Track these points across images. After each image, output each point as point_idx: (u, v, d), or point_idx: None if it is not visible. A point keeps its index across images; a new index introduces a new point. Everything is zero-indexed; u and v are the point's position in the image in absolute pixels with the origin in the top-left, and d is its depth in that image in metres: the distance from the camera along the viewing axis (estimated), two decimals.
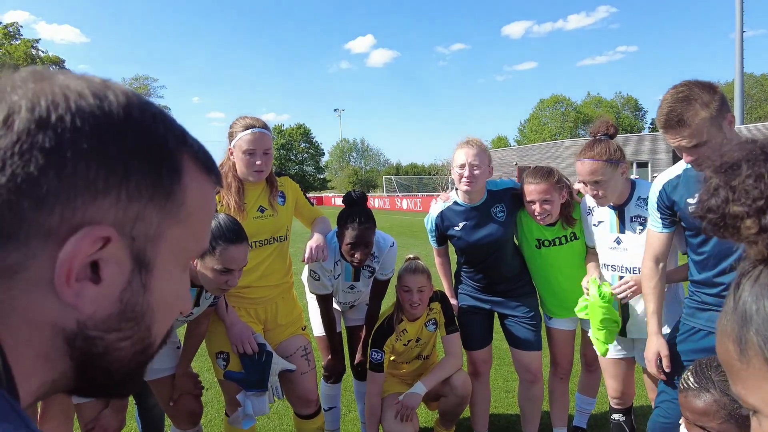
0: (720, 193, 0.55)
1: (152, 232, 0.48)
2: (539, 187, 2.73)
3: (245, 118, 2.59)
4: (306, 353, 2.79)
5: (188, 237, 0.52)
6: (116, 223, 0.45)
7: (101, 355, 0.48)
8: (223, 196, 2.57)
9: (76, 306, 0.45)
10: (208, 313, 2.56)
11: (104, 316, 0.47)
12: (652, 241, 2.37)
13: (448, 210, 2.94)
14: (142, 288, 0.49)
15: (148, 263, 0.49)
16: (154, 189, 0.47)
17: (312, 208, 2.97)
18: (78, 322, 0.46)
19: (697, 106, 1.94)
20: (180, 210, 0.50)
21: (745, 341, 0.53)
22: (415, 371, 3.09)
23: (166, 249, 0.50)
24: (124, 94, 0.49)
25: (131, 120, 0.47)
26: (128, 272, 0.47)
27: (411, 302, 2.83)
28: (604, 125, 2.60)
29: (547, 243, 2.88)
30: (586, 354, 3.09)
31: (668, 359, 2.26)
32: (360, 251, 2.67)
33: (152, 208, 0.48)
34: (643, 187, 2.62)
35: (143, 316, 0.50)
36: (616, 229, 2.64)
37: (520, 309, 2.98)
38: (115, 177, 0.45)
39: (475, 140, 2.84)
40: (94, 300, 0.46)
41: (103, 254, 0.45)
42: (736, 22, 30.77)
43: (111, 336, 0.48)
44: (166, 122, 0.51)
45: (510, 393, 3.89)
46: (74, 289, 0.45)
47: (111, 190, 0.45)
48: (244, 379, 2.56)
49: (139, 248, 0.48)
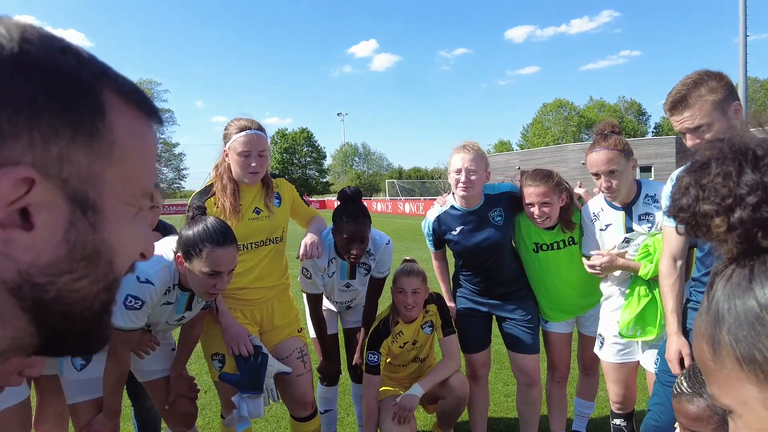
0: (690, 191, 0.56)
1: (85, 173, 0.45)
2: (538, 189, 2.71)
3: (240, 120, 2.59)
4: (302, 355, 2.78)
5: (131, 177, 0.49)
6: (36, 165, 0.42)
7: (56, 299, 0.46)
8: (219, 198, 2.57)
9: (6, 254, 0.43)
10: (201, 316, 2.56)
11: (49, 260, 0.45)
12: (668, 237, 2.34)
13: (445, 214, 2.92)
14: (90, 227, 0.46)
15: (94, 204, 0.46)
16: (73, 128, 0.44)
17: (308, 208, 2.97)
18: (19, 271, 0.44)
19: (702, 89, 2.00)
20: (112, 149, 0.47)
21: (718, 341, 0.53)
22: (412, 374, 3.08)
23: (111, 191, 0.48)
24: (19, 26, 0.44)
25: (30, 54, 0.43)
26: (67, 214, 0.45)
27: (405, 304, 2.82)
28: (609, 125, 2.62)
29: (545, 247, 2.86)
30: (584, 357, 3.07)
31: (690, 358, 2.17)
32: (356, 246, 2.67)
33: (77, 149, 0.44)
34: (650, 186, 2.62)
35: (99, 254, 0.48)
36: (625, 230, 2.62)
37: (518, 312, 2.96)
38: (22, 117, 0.41)
39: (472, 145, 2.83)
40: (29, 247, 0.43)
41: (31, 199, 0.42)
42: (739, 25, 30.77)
43: (63, 278, 0.46)
44: (80, 56, 0.47)
45: (509, 397, 3.87)
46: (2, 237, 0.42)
47: (21, 131, 0.42)
48: (239, 381, 2.54)
49: (76, 190, 0.45)
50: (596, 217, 2.73)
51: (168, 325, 2.47)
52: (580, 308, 2.95)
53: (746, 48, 30.95)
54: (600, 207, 2.71)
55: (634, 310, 2.51)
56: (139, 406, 2.97)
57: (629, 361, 2.71)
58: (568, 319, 2.99)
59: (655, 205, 2.54)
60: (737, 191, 0.51)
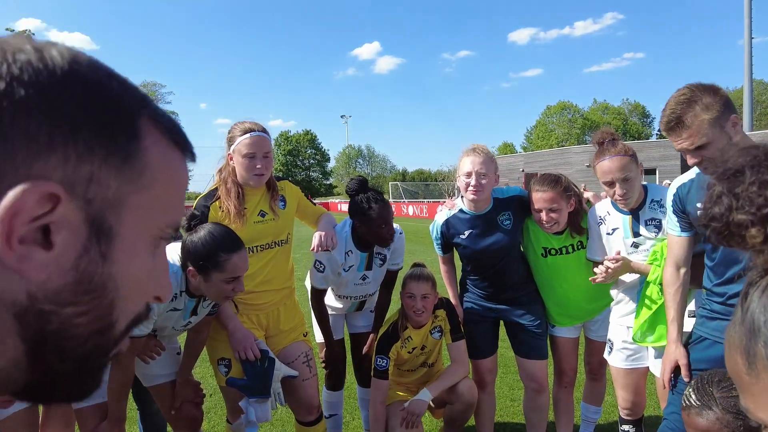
0: (723, 200, 0.53)
1: (110, 196, 0.44)
2: (546, 195, 2.69)
3: (244, 123, 2.59)
4: (308, 359, 2.77)
5: (155, 206, 0.48)
6: (65, 182, 0.41)
7: (56, 332, 0.44)
8: (223, 201, 2.56)
9: (20, 271, 0.41)
10: (207, 321, 2.55)
11: (58, 286, 0.43)
12: (671, 245, 2.32)
13: (454, 218, 2.91)
14: (100, 257, 0.44)
15: (109, 230, 0.44)
16: (107, 149, 0.44)
17: (315, 207, 2.98)
18: (29, 294, 0.42)
19: (697, 107, 1.94)
20: (141, 175, 0.46)
21: (754, 354, 0.51)
22: (420, 379, 3.06)
23: (131, 217, 0.46)
24: (71, 51, 0.45)
25: (77, 73, 0.44)
26: (84, 238, 0.43)
27: (415, 309, 2.81)
28: (608, 134, 2.58)
29: (553, 252, 2.84)
30: (591, 362, 3.04)
31: (687, 368, 2.19)
32: (389, 227, 2.76)
33: (108, 170, 0.43)
34: (655, 190, 2.60)
35: (104, 289, 0.45)
36: (632, 234, 2.60)
37: (526, 317, 2.94)
38: (61, 132, 0.41)
39: (482, 148, 2.81)
40: (44, 266, 0.42)
41: (54, 217, 0.41)
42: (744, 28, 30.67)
43: (67, 310, 0.44)
44: (124, 83, 0.48)
45: (516, 401, 3.85)
46: (17, 251, 0.40)
47: (57, 146, 0.41)
48: (246, 385, 2.53)
49: (96, 212, 0.43)
50: (602, 221, 2.70)
51: (174, 330, 2.46)
52: (588, 313, 2.93)
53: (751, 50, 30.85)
54: (606, 211, 2.69)
55: (644, 316, 2.49)
56: (145, 410, 2.97)
57: (639, 366, 2.68)
58: (576, 324, 2.97)
59: (660, 210, 2.52)
60: None
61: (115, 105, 0.45)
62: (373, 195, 2.76)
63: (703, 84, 2.02)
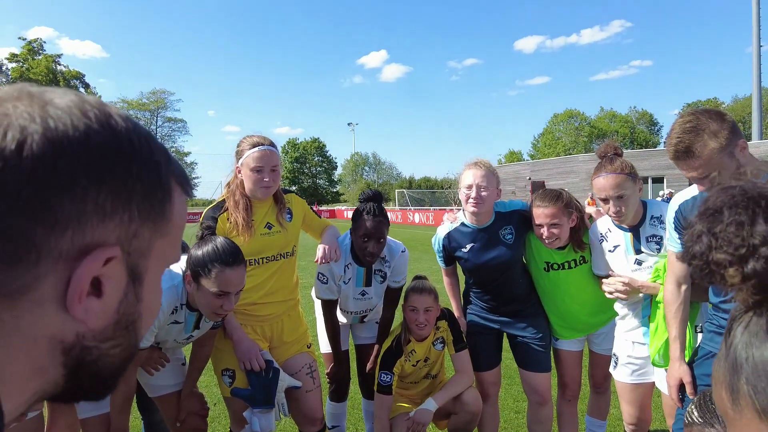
0: (703, 239, 0.55)
1: (144, 247, 0.51)
2: (547, 210, 2.70)
3: (252, 137, 2.63)
4: (311, 371, 2.78)
5: (171, 247, 0.55)
6: (119, 242, 0.48)
7: (94, 362, 0.50)
8: (231, 213, 2.59)
9: (84, 321, 0.47)
10: (212, 334, 2.57)
11: (102, 327, 0.49)
12: (672, 262, 2.31)
13: (456, 231, 2.92)
14: (135, 299, 0.52)
15: (141, 275, 0.52)
16: (150, 210, 0.51)
17: (320, 220, 3.00)
18: (77, 334, 0.48)
19: (705, 136, 1.90)
20: (167, 225, 0.53)
21: (737, 390, 0.52)
22: (423, 390, 3.06)
23: (155, 260, 0.53)
24: (124, 120, 0.51)
25: (133, 145, 0.50)
26: (124, 284, 0.50)
27: (417, 323, 2.81)
28: (611, 147, 2.58)
29: (556, 266, 2.84)
30: (595, 375, 3.03)
31: (691, 386, 2.19)
32: (374, 243, 2.71)
33: (147, 226, 0.50)
34: (655, 207, 2.59)
35: (135, 324, 0.53)
36: (633, 251, 2.60)
37: (529, 330, 2.94)
38: (121, 201, 0.48)
39: (484, 162, 2.82)
40: (99, 314, 0.48)
41: (105, 270, 0.47)
42: (753, 36, 30.57)
43: (106, 344, 0.51)
44: (158, 147, 0.54)
45: (520, 414, 3.83)
46: (84, 305, 0.47)
47: (116, 212, 0.47)
48: (250, 396, 2.55)
49: (134, 263, 0.50)
50: (604, 238, 2.71)
51: (177, 343, 2.48)
52: (591, 327, 2.92)
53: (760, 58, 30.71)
54: (608, 228, 2.69)
55: (661, 338, 2.45)
56: (149, 420, 2.98)
57: (645, 381, 2.66)
58: (579, 337, 2.97)
59: (661, 227, 2.51)
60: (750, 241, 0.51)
61: (157, 172, 0.52)
62: (373, 207, 2.76)
63: (707, 109, 1.99)
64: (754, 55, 30.90)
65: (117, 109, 0.52)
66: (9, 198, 0.42)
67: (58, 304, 0.46)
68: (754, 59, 30.89)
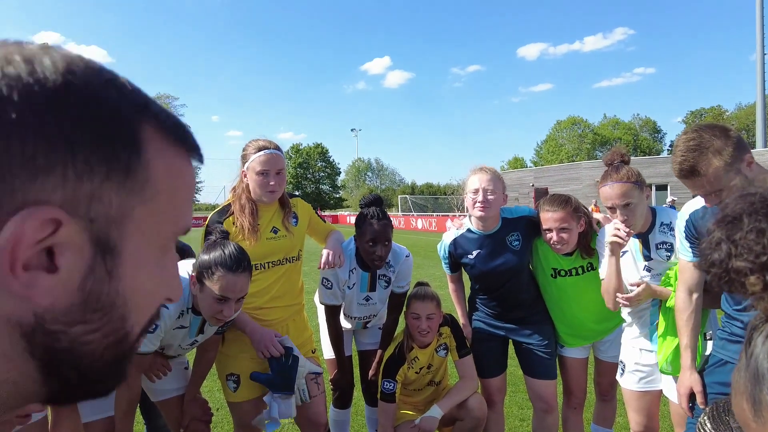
0: (722, 247, 0.54)
1: (113, 213, 0.43)
2: (556, 215, 2.69)
3: (258, 141, 2.63)
4: (315, 377, 2.76)
5: (161, 217, 0.46)
6: (66, 204, 0.40)
7: (67, 350, 0.43)
8: (237, 217, 2.59)
9: (28, 297, 0.40)
10: (216, 339, 2.56)
11: (64, 307, 0.42)
12: (683, 270, 2.29)
13: (462, 237, 2.90)
14: (106, 275, 0.43)
15: (114, 247, 0.43)
16: (108, 165, 0.42)
17: (325, 224, 3.00)
18: (35, 315, 0.41)
19: (709, 154, 1.87)
20: (145, 187, 0.44)
21: (759, 401, 0.50)
22: (427, 398, 3.04)
23: (135, 231, 0.45)
24: (66, 57, 0.43)
25: (72, 86, 0.41)
26: (88, 258, 0.42)
27: (420, 329, 2.80)
28: (618, 154, 2.55)
29: (563, 273, 2.83)
30: (601, 383, 3.00)
31: (702, 395, 2.16)
32: (380, 247, 2.70)
33: (109, 186, 0.42)
34: (664, 213, 2.57)
35: (112, 306, 0.45)
36: (643, 258, 2.58)
37: (535, 337, 2.92)
38: (57, 152, 0.40)
39: (489, 167, 2.83)
40: (50, 290, 0.41)
41: (57, 239, 0.40)
42: (756, 43, 30.58)
43: (76, 329, 0.43)
44: (123, 89, 0.45)
45: (525, 421, 3.80)
46: (23, 279, 0.40)
47: (54, 167, 0.39)
48: (270, 381, 2.53)
49: (100, 231, 0.42)
50: None
51: (181, 348, 2.47)
52: (597, 334, 2.90)
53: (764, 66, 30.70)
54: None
55: (669, 345, 2.42)
56: (153, 424, 2.96)
57: (652, 389, 2.63)
58: (585, 344, 2.95)
59: (671, 234, 2.49)
60: None
61: (114, 117, 0.43)
62: (376, 211, 2.76)
63: (711, 125, 1.95)
64: (758, 63, 30.90)
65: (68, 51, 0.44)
66: None
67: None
68: (758, 66, 30.89)
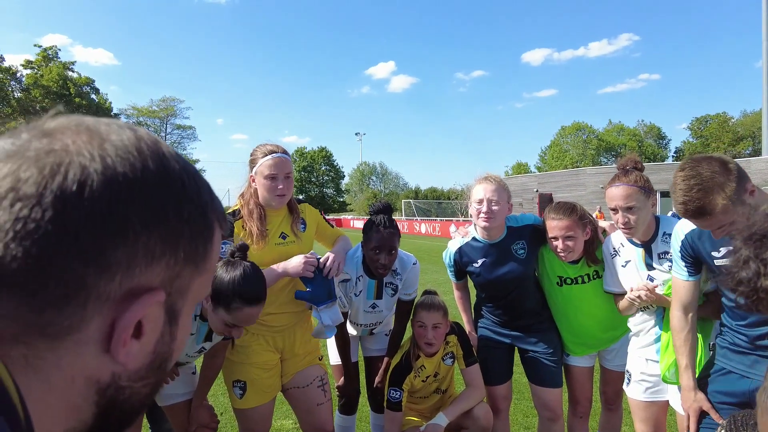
0: (751, 265, 0.54)
1: (184, 288, 0.50)
2: (562, 222, 2.69)
3: (266, 145, 2.63)
4: (322, 384, 2.76)
5: (205, 286, 0.54)
6: (163, 284, 0.47)
7: (126, 401, 0.49)
8: (245, 222, 2.59)
9: (125, 363, 0.46)
10: (224, 344, 2.56)
11: (138, 367, 0.48)
12: (678, 289, 2.29)
13: (467, 246, 2.90)
14: (170, 338, 0.51)
15: (177, 315, 0.51)
16: (196, 252, 0.50)
17: (333, 229, 3.00)
18: (113, 374, 0.47)
19: (713, 194, 1.83)
20: (207, 265, 0.52)
21: None
22: (433, 405, 3.04)
23: (190, 299, 0.52)
24: (176, 159, 0.50)
25: (185, 189, 0.49)
26: (162, 325, 0.49)
27: (426, 339, 2.80)
28: (632, 161, 2.56)
29: (569, 281, 2.82)
30: (606, 392, 2.99)
31: (714, 411, 2.13)
32: (385, 255, 2.69)
33: (189, 267, 0.49)
34: (667, 223, 2.57)
35: (168, 363, 0.52)
36: (645, 267, 2.58)
37: (540, 345, 2.92)
38: (169, 244, 0.47)
39: (494, 176, 2.82)
40: (138, 355, 0.47)
41: (147, 312, 0.47)
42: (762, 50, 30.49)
43: (138, 384, 0.50)
44: (204, 185, 0.53)
45: (530, 430, 3.79)
46: (127, 348, 0.46)
47: (164, 256, 0.46)
48: (313, 295, 2.62)
49: (173, 303, 0.49)
50: (616, 253, 2.68)
51: (187, 356, 2.47)
52: (603, 343, 2.89)
53: None
54: (620, 242, 2.68)
55: (672, 354, 2.42)
56: (158, 428, 2.97)
57: (659, 399, 2.62)
58: (591, 353, 2.94)
59: None
60: None
61: (206, 216, 0.51)
62: (383, 219, 2.75)
63: (708, 159, 1.90)
64: (764, 70, 30.81)
65: (168, 147, 0.51)
66: (67, 241, 0.41)
67: (100, 346, 0.45)
68: (764, 73, 30.80)
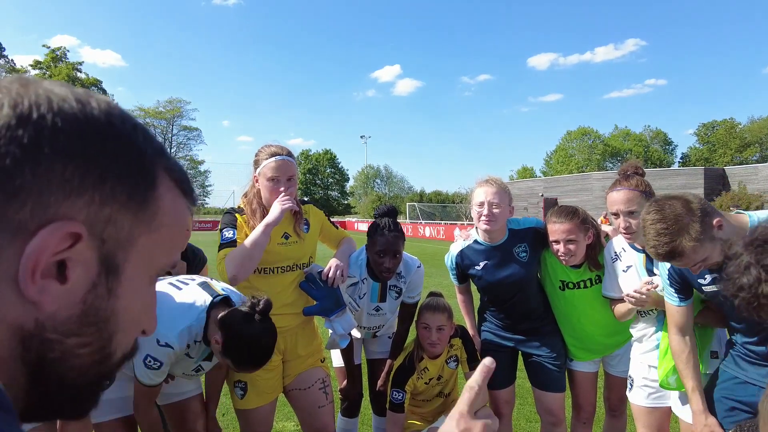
0: (752, 271, 0.53)
1: (123, 237, 0.48)
2: (563, 226, 2.67)
3: (270, 147, 2.63)
4: (324, 386, 2.75)
5: (158, 248, 0.52)
6: (87, 223, 0.45)
7: (57, 360, 0.47)
8: (248, 221, 2.59)
9: (38, 302, 0.44)
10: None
11: (65, 317, 0.46)
12: (672, 314, 2.28)
13: (469, 249, 2.89)
14: (107, 292, 0.48)
15: (116, 268, 0.48)
16: (128, 195, 0.48)
17: (337, 231, 2.99)
18: (37, 321, 0.45)
19: (679, 238, 1.85)
20: (152, 219, 0.50)
21: None
22: (436, 409, 3.03)
23: (136, 257, 0.50)
24: (107, 102, 0.50)
25: (112, 126, 0.48)
26: (94, 274, 0.47)
27: (429, 341, 2.79)
28: (633, 166, 2.58)
29: (571, 285, 2.81)
30: (610, 398, 2.97)
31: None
32: (389, 259, 2.69)
33: (125, 213, 0.48)
34: None
35: (106, 322, 0.49)
36: (646, 272, 2.56)
37: (544, 349, 2.90)
38: (91, 178, 0.45)
39: (496, 179, 2.81)
40: (57, 298, 0.45)
41: (71, 253, 0.45)
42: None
43: (70, 341, 0.47)
44: (146, 134, 0.52)
45: None
46: (38, 285, 0.44)
47: (85, 190, 0.45)
48: (322, 309, 2.65)
49: (109, 251, 0.47)
50: (618, 257, 2.67)
51: (184, 376, 2.40)
52: (607, 348, 2.88)
53: None
54: (621, 247, 2.67)
55: (671, 360, 2.41)
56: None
57: (662, 405, 2.60)
58: (594, 358, 2.92)
59: None
60: None
61: (139, 155, 0.50)
62: (388, 222, 2.75)
63: (671, 199, 1.93)
64: None
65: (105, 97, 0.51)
66: None
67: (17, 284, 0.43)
68: None
